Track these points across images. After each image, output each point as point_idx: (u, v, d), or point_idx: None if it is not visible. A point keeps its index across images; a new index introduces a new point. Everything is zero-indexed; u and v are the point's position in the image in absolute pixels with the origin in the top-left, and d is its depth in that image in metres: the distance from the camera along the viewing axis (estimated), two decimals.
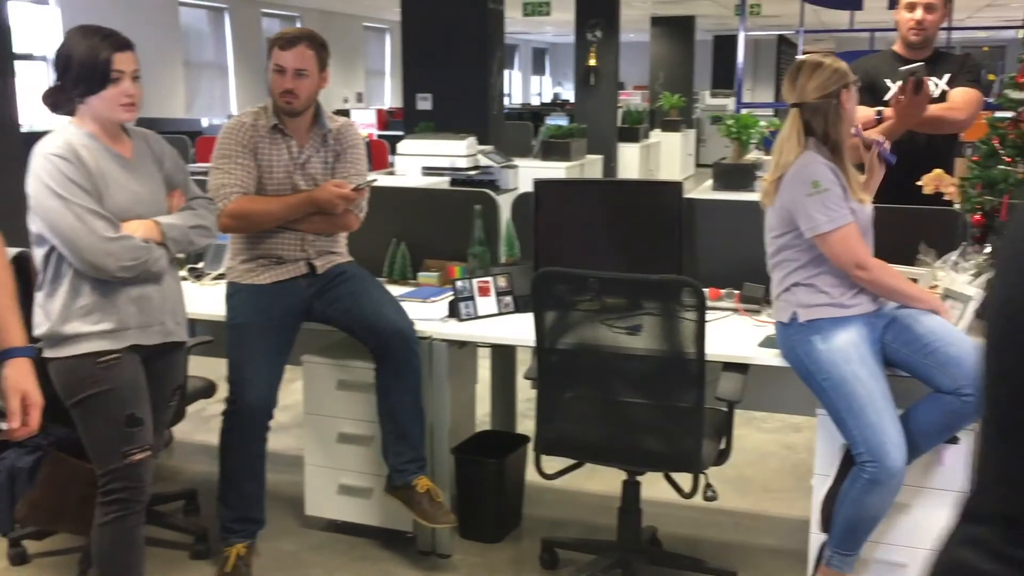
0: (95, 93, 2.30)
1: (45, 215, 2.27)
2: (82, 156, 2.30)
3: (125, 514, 2.38)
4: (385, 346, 2.86)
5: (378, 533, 3.12)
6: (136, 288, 2.37)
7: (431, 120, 7.57)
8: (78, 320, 2.32)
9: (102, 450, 2.38)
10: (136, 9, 10.83)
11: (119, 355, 2.36)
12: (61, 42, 2.32)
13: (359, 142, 3.08)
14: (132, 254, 2.31)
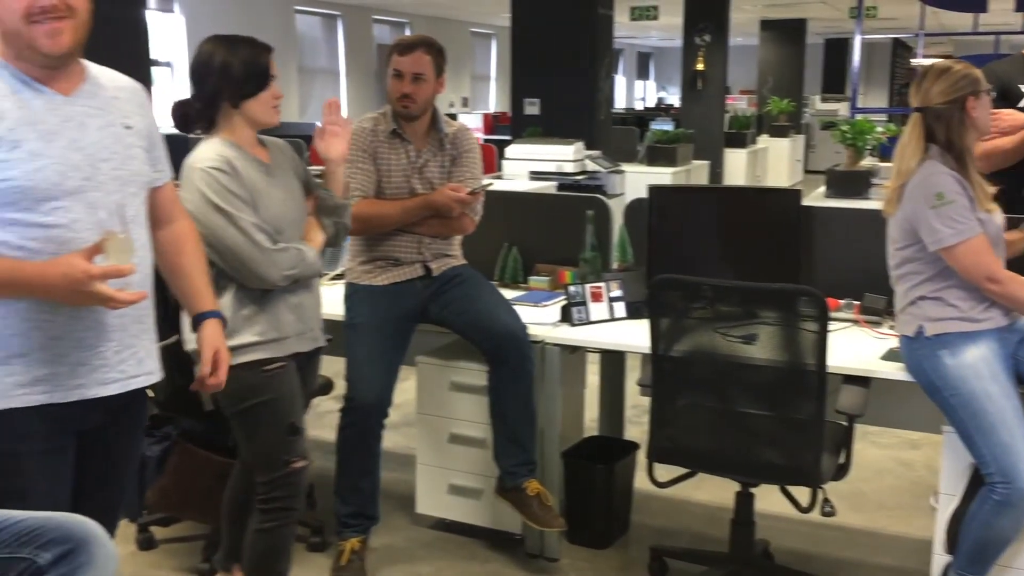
0: (253, 96, 2.34)
1: (209, 230, 2.28)
2: (236, 167, 2.33)
3: (284, 523, 2.44)
4: (498, 349, 2.90)
5: (487, 534, 3.15)
6: (294, 296, 2.42)
7: (538, 125, 7.61)
8: (244, 330, 2.36)
9: (265, 459, 2.43)
10: (255, 16, 11.21)
11: (283, 364, 2.41)
12: (208, 54, 2.33)
13: (475, 146, 3.13)
14: (290, 263, 2.36)
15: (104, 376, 1.89)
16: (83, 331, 1.84)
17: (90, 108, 1.86)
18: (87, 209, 1.81)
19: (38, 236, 1.76)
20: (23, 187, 1.73)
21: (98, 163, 1.84)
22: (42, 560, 1.28)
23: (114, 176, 1.86)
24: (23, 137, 1.74)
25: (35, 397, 1.81)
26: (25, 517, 1.33)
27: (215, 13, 11.18)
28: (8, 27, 1.74)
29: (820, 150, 15.24)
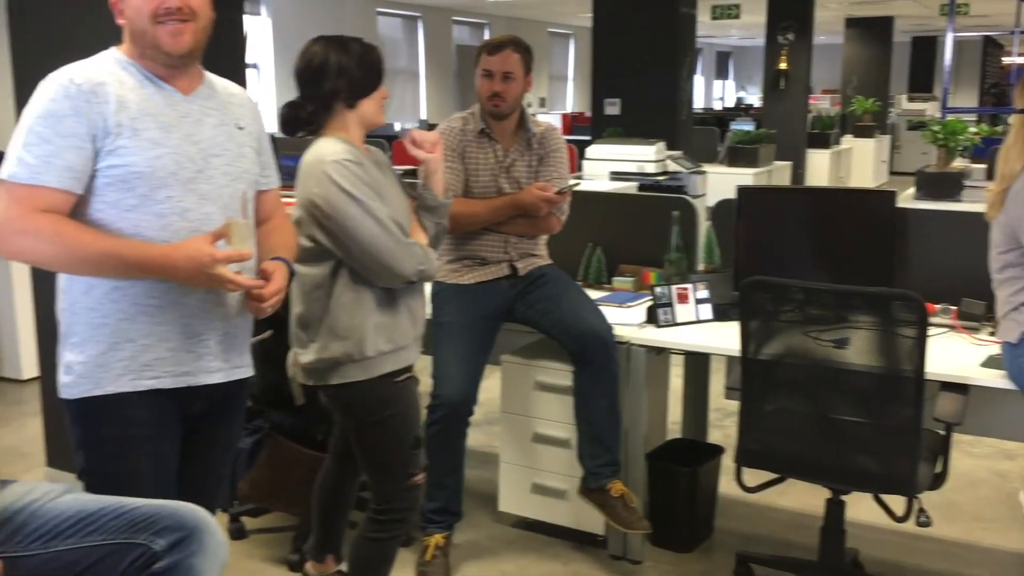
0: (368, 95, 2.30)
1: (342, 224, 2.20)
2: (362, 161, 2.28)
3: (397, 535, 2.43)
4: (584, 349, 2.89)
5: (569, 534, 3.15)
6: (413, 300, 2.37)
7: (619, 125, 7.57)
8: (377, 338, 2.29)
9: (389, 471, 2.38)
10: (338, 18, 11.40)
11: (411, 374, 2.36)
12: (321, 55, 2.27)
13: (562, 146, 3.13)
14: (420, 258, 2.29)
15: (209, 364, 1.97)
16: (188, 318, 1.91)
17: (206, 107, 1.97)
18: (198, 200, 1.90)
19: (152, 223, 1.85)
20: (142, 172, 1.83)
21: (210, 157, 1.93)
22: (157, 546, 1.32)
23: (224, 171, 1.95)
24: (144, 126, 1.84)
25: (144, 382, 1.89)
26: (141, 504, 1.38)
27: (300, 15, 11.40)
28: (136, 26, 1.84)
29: (906, 151, 14.82)
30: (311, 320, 2.31)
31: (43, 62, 1.96)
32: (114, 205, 1.84)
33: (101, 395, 1.89)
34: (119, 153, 1.82)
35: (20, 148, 1.80)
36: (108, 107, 1.82)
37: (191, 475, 2.04)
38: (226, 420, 2.11)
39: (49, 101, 1.81)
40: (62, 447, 3.41)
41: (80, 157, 1.81)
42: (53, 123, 1.80)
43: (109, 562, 1.31)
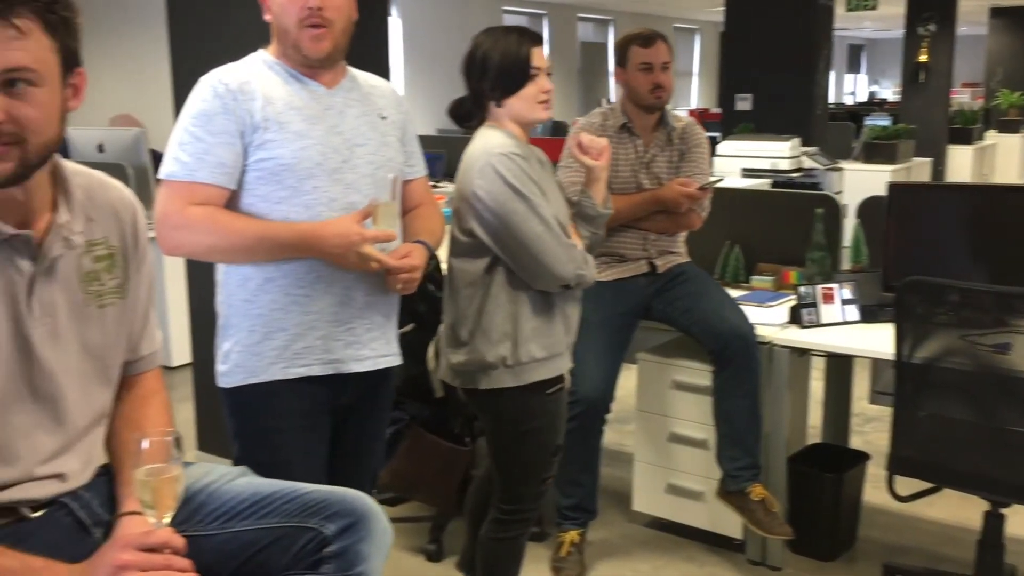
0: (514, 93, 2.18)
1: (504, 220, 2.12)
2: (529, 156, 2.21)
3: (524, 532, 2.40)
4: (724, 348, 2.83)
5: (705, 536, 3.10)
6: (568, 307, 2.27)
7: (750, 121, 7.41)
8: (531, 343, 2.20)
9: (525, 475, 2.33)
10: (466, 17, 11.52)
11: (562, 385, 2.28)
12: (475, 47, 2.23)
13: (703, 141, 3.08)
14: (580, 261, 2.19)
15: (357, 353, 2.01)
16: (336, 307, 1.96)
17: (349, 99, 2.01)
18: (344, 190, 1.95)
19: (301, 214, 1.90)
20: (288, 164, 1.89)
21: (354, 147, 1.97)
22: (328, 531, 1.35)
23: (369, 160, 1.99)
24: (289, 120, 1.91)
25: (295, 370, 1.95)
26: (312, 489, 1.42)
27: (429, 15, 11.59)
28: (281, 25, 1.92)
29: None
30: (463, 319, 2.23)
31: (199, 66, 2.06)
32: (264, 198, 1.91)
33: (255, 383, 1.96)
34: (267, 147, 1.89)
35: (176, 148, 1.89)
36: (255, 104, 1.89)
37: (340, 466, 2.09)
38: (374, 411, 2.15)
39: (200, 102, 1.90)
40: (212, 432, 3.56)
41: (231, 153, 1.88)
42: (204, 122, 1.88)
43: (283, 544, 1.36)
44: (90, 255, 1.38)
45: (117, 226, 1.43)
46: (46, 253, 1.31)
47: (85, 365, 1.37)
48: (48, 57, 1.22)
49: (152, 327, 1.54)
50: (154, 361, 1.54)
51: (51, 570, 1.20)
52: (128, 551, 1.20)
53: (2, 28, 1.17)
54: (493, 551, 2.43)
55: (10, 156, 1.20)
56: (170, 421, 1.50)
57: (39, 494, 1.33)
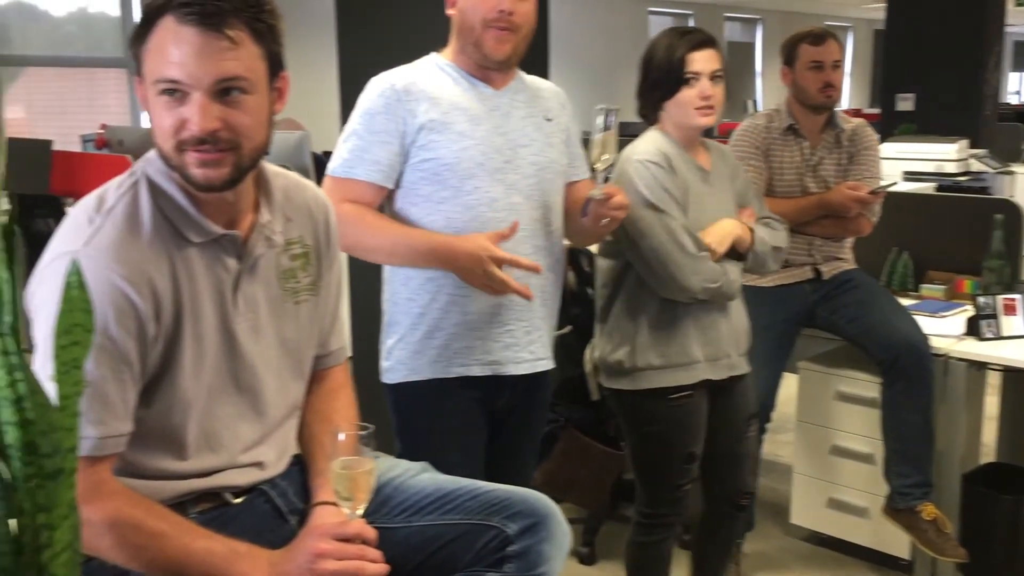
0: (669, 97, 2.16)
1: (635, 226, 2.13)
2: (673, 165, 2.19)
3: (666, 537, 2.37)
4: (895, 359, 2.71)
5: (868, 554, 2.97)
6: (707, 316, 2.22)
7: (911, 121, 7.08)
8: (649, 351, 2.20)
9: (653, 478, 2.34)
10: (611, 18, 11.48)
11: (691, 393, 2.23)
12: (647, 47, 2.22)
13: (874, 144, 2.96)
14: (713, 276, 2.15)
15: (516, 355, 2.01)
16: (497, 309, 1.96)
17: (516, 100, 2.01)
18: (505, 190, 1.94)
19: (462, 215, 1.92)
20: (450, 164, 1.90)
21: (518, 148, 1.97)
22: (510, 530, 1.36)
23: (531, 161, 1.98)
24: (454, 120, 1.92)
25: (455, 369, 1.97)
26: (493, 488, 1.43)
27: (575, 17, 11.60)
28: (465, 21, 1.92)
29: None
30: (599, 317, 2.32)
31: (367, 71, 2.10)
32: (427, 198, 1.93)
33: (416, 381, 1.99)
34: (430, 147, 1.91)
35: (341, 144, 1.95)
36: (419, 105, 1.91)
37: (499, 468, 2.09)
38: (531, 414, 2.15)
39: (366, 101, 1.94)
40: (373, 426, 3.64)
41: (387, 152, 1.91)
42: (367, 121, 1.92)
43: (465, 541, 1.38)
44: (287, 253, 1.44)
45: (311, 226, 1.49)
46: (250, 251, 1.37)
47: (282, 359, 1.43)
48: (257, 65, 1.27)
49: (340, 323, 1.59)
50: (341, 356, 1.60)
51: (253, 554, 1.26)
52: (325, 540, 1.24)
53: (216, 39, 1.22)
54: (635, 555, 2.43)
55: (226, 162, 1.26)
56: (356, 414, 1.55)
57: (241, 481, 1.39)
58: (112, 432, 1.24)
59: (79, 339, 0.97)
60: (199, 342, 1.31)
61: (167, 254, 1.29)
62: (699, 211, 2.21)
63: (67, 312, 0.95)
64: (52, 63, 7.24)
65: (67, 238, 1.26)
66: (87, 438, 1.19)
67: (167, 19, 1.23)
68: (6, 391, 0.95)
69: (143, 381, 1.28)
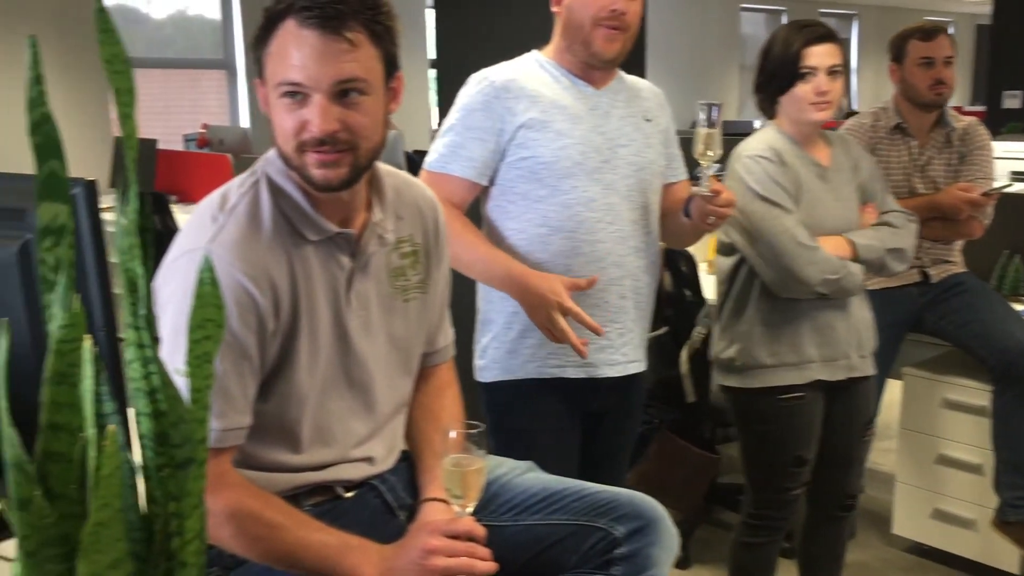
0: (785, 92, 2.14)
1: (749, 220, 2.13)
2: (785, 160, 2.16)
3: (772, 540, 2.35)
4: (1010, 367, 2.61)
5: (975, 567, 2.86)
6: (821, 315, 2.18)
7: (1019, 119, 6.81)
8: (760, 348, 2.19)
9: (761, 479, 2.32)
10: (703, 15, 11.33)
11: (803, 395, 2.20)
12: (767, 39, 2.21)
13: (987, 143, 2.86)
14: (832, 267, 2.10)
15: (610, 357, 1.99)
16: (590, 309, 1.91)
17: (616, 100, 1.99)
18: (603, 190, 1.92)
19: (559, 214, 1.90)
20: (547, 163, 1.89)
21: (617, 147, 1.95)
22: (618, 532, 1.35)
23: (630, 161, 1.96)
24: (553, 119, 1.90)
25: (549, 370, 1.96)
26: (599, 490, 1.42)
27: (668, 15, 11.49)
28: (573, 18, 1.90)
29: None
30: (717, 314, 2.31)
31: (465, 64, 2.10)
32: (524, 196, 1.92)
33: (510, 380, 1.99)
34: (528, 145, 1.89)
35: (438, 139, 1.96)
36: (518, 103, 1.90)
37: (592, 470, 2.07)
38: (625, 416, 2.12)
39: (465, 97, 1.94)
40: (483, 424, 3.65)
41: (483, 149, 1.91)
42: (464, 117, 1.92)
43: (571, 542, 1.37)
44: (397, 251, 1.45)
45: (421, 224, 1.50)
46: (363, 250, 1.39)
47: (391, 355, 1.45)
48: (375, 66, 1.29)
49: (447, 321, 1.60)
50: (448, 353, 1.61)
51: (365, 548, 1.28)
52: (435, 536, 1.25)
53: (336, 42, 1.24)
54: (740, 556, 2.40)
55: (344, 162, 1.28)
56: (462, 412, 1.56)
57: (352, 475, 1.41)
58: (233, 425, 1.27)
59: (211, 334, 0.99)
60: (314, 338, 1.34)
61: (285, 252, 1.31)
62: (813, 209, 2.16)
63: (200, 307, 0.98)
64: (155, 64, 7.48)
65: (192, 235, 1.30)
66: (210, 430, 1.23)
67: (288, 22, 1.25)
68: (141, 383, 0.98)
69: (262, 375, 1.31)
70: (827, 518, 2.40)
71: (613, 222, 1.93)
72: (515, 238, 1.94)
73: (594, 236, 1.92)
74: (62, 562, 0.90)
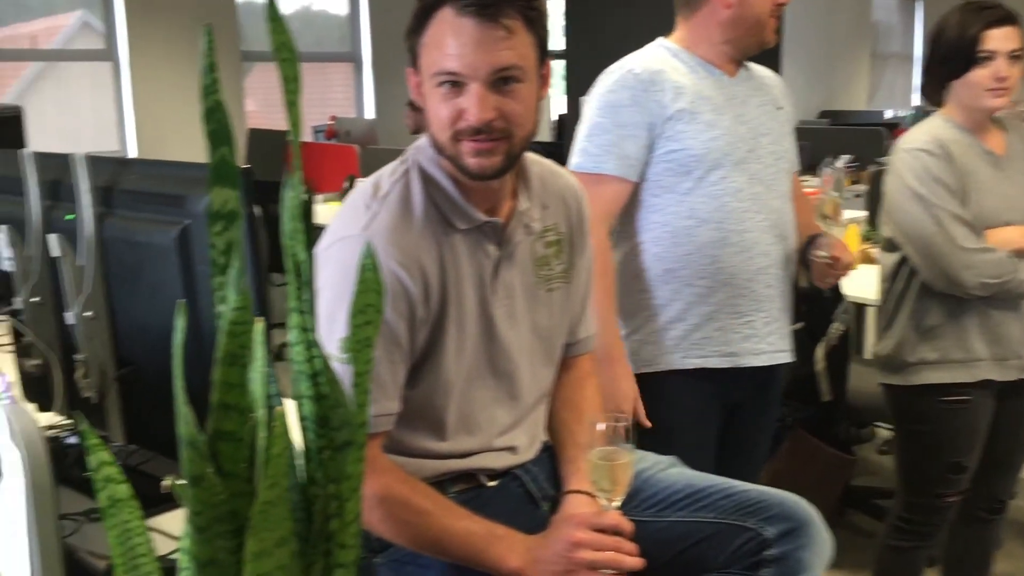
0: (958, 76, 2.05)
1: (901, 217, 2.10)
2: (951, 152, 2.07)
3: (920, 545, 2.27)
4: None
5: None
6: (991, 312, 2.10)
7: None
8: (923, 345, 2.13)
9: (914, 482, 2.26)
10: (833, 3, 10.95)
11: (968, 397, 2.12)
12: (937, 21, 2.14)
13: None
14: (995, 269, 2.03)
15: (755, 346, 1.96)
16: (736, 299, 1.93)
17: (749, 88, 1.98)
18: (748, 180, 1.91)
19: (707, 205, 1.89)
20: (698, 155, 1.87)
21: (759, 137, 1.94)
22: (768, 533, 1.32)
23: (770, 151, 1.95)
24: (700, 109, 1.89)
25: (692, 361, 1.94)
26: (747, 488, 1.39)
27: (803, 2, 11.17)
28: (749, 16, 1.89)
29: None
30: (880, 311, 2.26)
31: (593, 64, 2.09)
32: (671, 190, 1.91)
33: (650, 372, 1.97)
34: (677, 138, 1.87)
35: (583, 139, 1.93)
36: (665, 95, 1.87)
37: (727, 464, 2.03)
38: (764, 408, 2.10)
39: (608, 92, 1.92)
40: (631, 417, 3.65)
41: (636, 145, 1.89)
42: (612, 113, 1.90)
43: (718, 541, 1.34)
44: (542, 240, 1.45)
45: (565, 213, 1.49)
46: (509, 238, 1.39)
47: (534, 345, 1.44)
48: (529, 53, 1.28)
49: (588, 312, 1.58)
50: (589, 344, 1.59)
51: (511, 538, 1.27)
52: (582, 529, 1.24)
53: (493, 29, 1.24)
54: (885, 558, 2.32)
55: (498, 151, 1.28)
56: (602, 403, 1.54)
57: (496, 464, 1.41)
58: (384, 411, 1.29)
59: (371, 319, 1.00)
60: (461, 326, 1.34)
61: (435, 240, 1.32)
62: (985, 200, 2.08)
63: (362, 292, 0.99)
64: None
65: (346, 223, 1.32)
66: None
67: (445, 11, 1.26)
68: (304, 366, 0.99)
69: (411, 362, 1.32)
70: (973, 519, 2.32)
71: (759, 211, 1.92)
72: (659, 231, 1.93)
73: (742, 226, 1.91)
74: (231, 538, 0.92)
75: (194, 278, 1.35)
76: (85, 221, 1.45)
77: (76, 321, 1.47)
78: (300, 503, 1.01)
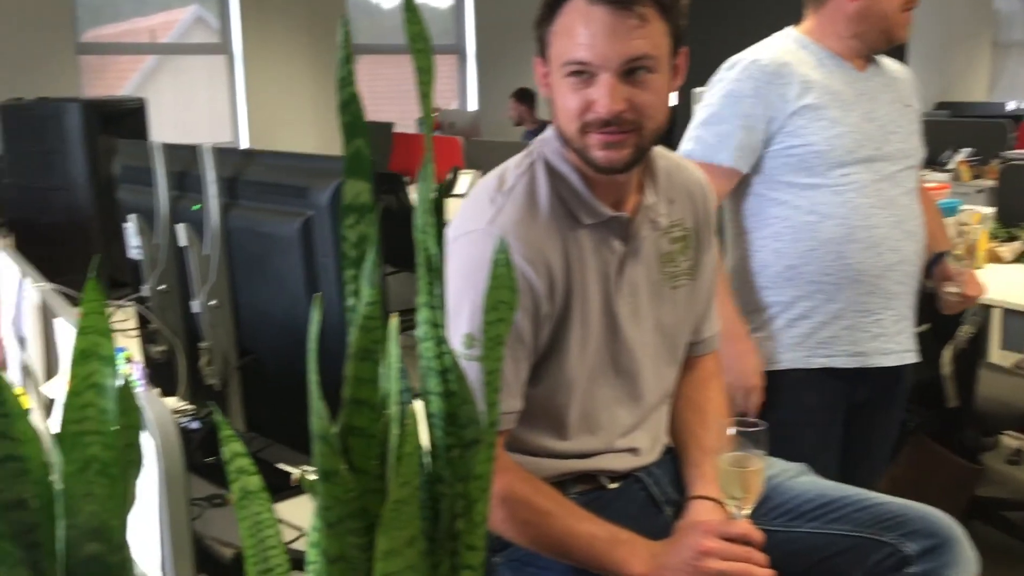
0: None
1: None
2: None
3: None
4: None
5: None
6: None
7: None
8: None
9: None
10: None
11: None
12: None
13: None
14: None
15: (883, 346, 1.91)
16: (864, 296, 1.87)
17: (879, 84, 1.92)
18: (874, 177, 1.85)
19: (830, 200, 1.83)
20: (821, 151, 1.82)
21: (887, 135, 1.87)
22: (908, 549, 1.25)
23: (898, 148, 1.89)
24: (825, 105, 1.83)
25: (817, 360, 1.89)
26: (886, 500, 1.32)
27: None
28: (878, 10, 1.83)
29: None
30: None
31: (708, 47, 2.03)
32: (790, 185, 1.86)
33: (773, 371, 1.92)
34: (799, 133, 1.83)
35: (698, 126, 1.89)
36: (791, 89, 1.83)
37: (849, 467, 1.97)
38: (888, 409, 2.05)
39: (732, 82, 1.87)
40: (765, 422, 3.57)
41: (751, 137, 1.84)
42: (731, 103, 1.85)
43: (854, 555, 1.28)
44: (668, 236, 1.40)
45: (691, 208, 1.44)
46: (635, 234, 1.35)
47: (658, 344, 1.40)
48: (663, 42, 1.24)
49: (713, 310, 1.53)
50: (714, 344, 1.54)
51: (634, 543, 1.24)
52: (710, 537, 1.19)
53: (626, 18, 1.19)
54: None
55: (628, 143, 1.24)
56: (727, 405, 1.49)
57: (617, 466, 1.38)
58: (506, 409, 1.27)
59: (503, 316, 0.98)
60: (585, 324, 1.31)
61: (561, 235, 1.29)
62: None
63: (495, 288, 0.96)
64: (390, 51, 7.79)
65: (471, 217, 1.30)
66: None
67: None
68: (434, 362, 0.97)
69: (534, 359, 1.29)
70: None
71: (886, 207, 1.86)
72: (779, 226, 1.88)
73: (868, 222, 1.85)
74: (361, 535, 0.91)
75: (316, 270, 1.35)
76: (211, 211, 1.46)
77: (201, 309, 1.49)
78: (427, 501, 0.99)
